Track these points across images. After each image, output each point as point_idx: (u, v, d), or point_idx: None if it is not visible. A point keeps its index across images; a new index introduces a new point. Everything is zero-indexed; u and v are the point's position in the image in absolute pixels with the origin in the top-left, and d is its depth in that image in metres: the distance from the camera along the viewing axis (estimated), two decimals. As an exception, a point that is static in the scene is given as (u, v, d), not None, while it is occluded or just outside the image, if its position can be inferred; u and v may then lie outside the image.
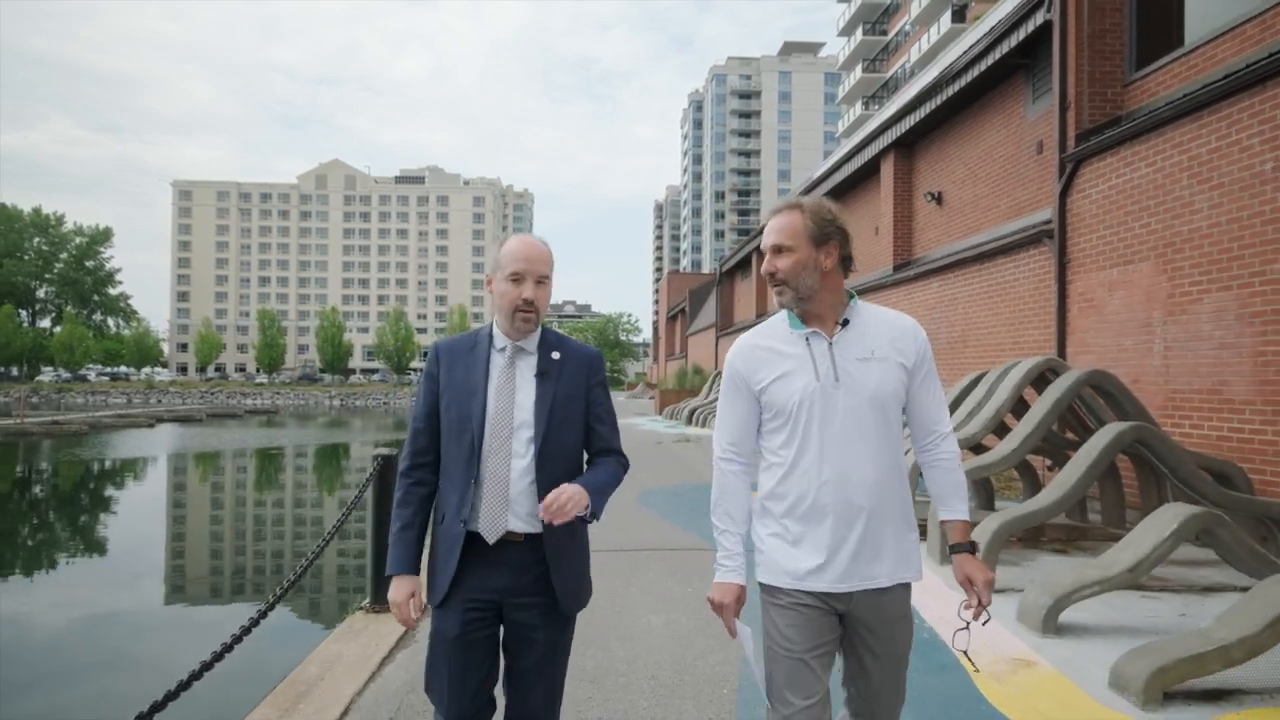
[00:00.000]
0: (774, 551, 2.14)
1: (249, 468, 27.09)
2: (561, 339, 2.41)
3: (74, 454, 29.87)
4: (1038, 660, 4.22)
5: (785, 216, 2.16)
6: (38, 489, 21.89)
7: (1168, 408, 7.71)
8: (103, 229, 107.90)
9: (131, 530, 15.95)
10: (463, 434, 2.25)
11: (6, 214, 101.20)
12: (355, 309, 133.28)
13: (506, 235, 2.32)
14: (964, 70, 12.18)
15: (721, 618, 2.17)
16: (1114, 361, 8.47)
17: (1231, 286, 6.98)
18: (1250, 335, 6.78)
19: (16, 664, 7.76)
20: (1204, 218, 7.29)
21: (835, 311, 2.16)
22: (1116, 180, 8.52)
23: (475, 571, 2.24)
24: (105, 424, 43.37)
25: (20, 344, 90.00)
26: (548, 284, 2.32)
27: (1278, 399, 6.52)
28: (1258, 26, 7.31)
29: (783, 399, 2.11)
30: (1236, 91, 6.95)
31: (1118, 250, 8.48)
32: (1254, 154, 6.76)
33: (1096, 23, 9.23)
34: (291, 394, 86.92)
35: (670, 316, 57.38)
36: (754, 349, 2.20)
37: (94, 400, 77.47)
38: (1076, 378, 6.47)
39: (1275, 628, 3.62)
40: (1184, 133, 7.56)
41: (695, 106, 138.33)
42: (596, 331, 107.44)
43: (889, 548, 2.10)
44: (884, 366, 2.11)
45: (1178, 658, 3.61)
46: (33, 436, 36.73)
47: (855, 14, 73.11)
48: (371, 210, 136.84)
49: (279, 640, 7.87)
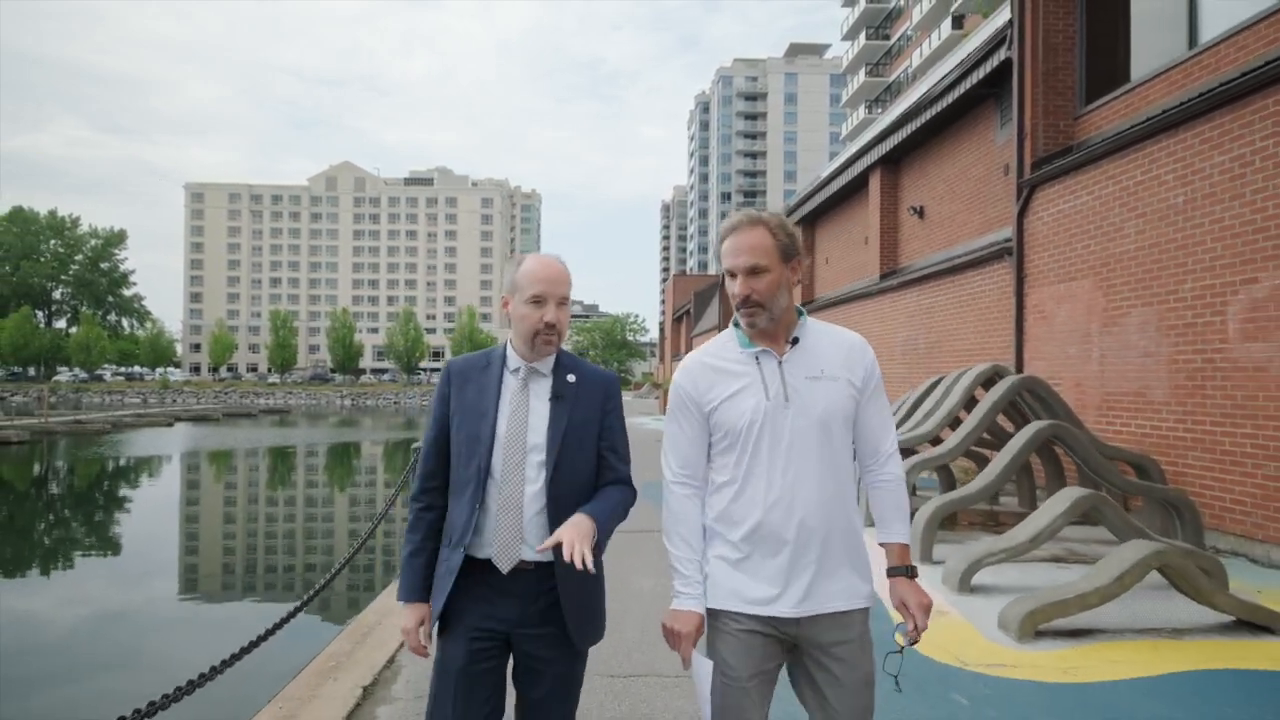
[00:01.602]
0: (721, 575, 2.08)
1: (282, 464, 28.29)
2: (577, 361, 2.34)
3: (101, 451, 31.10)
4: (950, 611, 5.27)
5: (753, 234, 2.06)
6: (81, 486, 23.09)
7: (1103, 408, 8.74)
8: (117, 231, 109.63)
9: (176, 524, 17.11)
10: (472, 457, 2.19)
11: (24, 217, 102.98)
12: (365, 309, 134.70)
13: (516, 251, 2.43)
14: (940, 96, 13.20)
15: (677, 649, 2.05)
16: (1061, 367, 9.50)
17: (1152, 303, 8.01)
18: (1166, 345, 7.81)
19: (88, 639, 8.90)
20: (1131, 242, 8.32)
21: (787, 330, 2.11)
22: (1064, 205, 9.54)
23: (483, 600, 2.17)
24: (126, 423, 44.63)
25: (38, 345, 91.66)
26: (568, 305, 2.25)
27: (1188, 401, 7.55)
28: (1181, 73, 8.31)
29: (732, 419, 2.06)
30: (1156, 133, 7.97)
31: (1064, 268, 9.51)
32: (1169, 188, 7.79)
33: (1050, 61, 10.24)
34: (303, 394, 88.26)
35: (676, 318, 58.44)
36: (703, 368, 2.14)
37: (111, 400, 78.93)
38: (1010, 383, 7.51)
39: (1123, 580, 4.67)
40: (1116, 166, 8.59)
41: (702, 108, 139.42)
42: (604, 332, 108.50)
43: (841, 571, 2.05)
44: (834, 385, 2.07)
45: (1046, 603, 4.66)
46: (56, 435, 37.95)
47: (859, 19, 74.04)
48: (381, 212, 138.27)
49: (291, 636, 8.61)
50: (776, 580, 2.02)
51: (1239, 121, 6.99)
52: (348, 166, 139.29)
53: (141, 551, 14.11)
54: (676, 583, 2.10)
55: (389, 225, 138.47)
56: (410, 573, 2.25)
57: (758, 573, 2.03)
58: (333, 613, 9.57)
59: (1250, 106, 6.87)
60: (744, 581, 2.04)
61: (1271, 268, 6.61)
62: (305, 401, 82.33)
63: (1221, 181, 7.15)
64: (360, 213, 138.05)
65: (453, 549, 2.20)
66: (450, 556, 2.20)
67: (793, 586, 2.01)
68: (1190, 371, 7.50)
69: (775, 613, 2.01)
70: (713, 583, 2.08)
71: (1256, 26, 7.29)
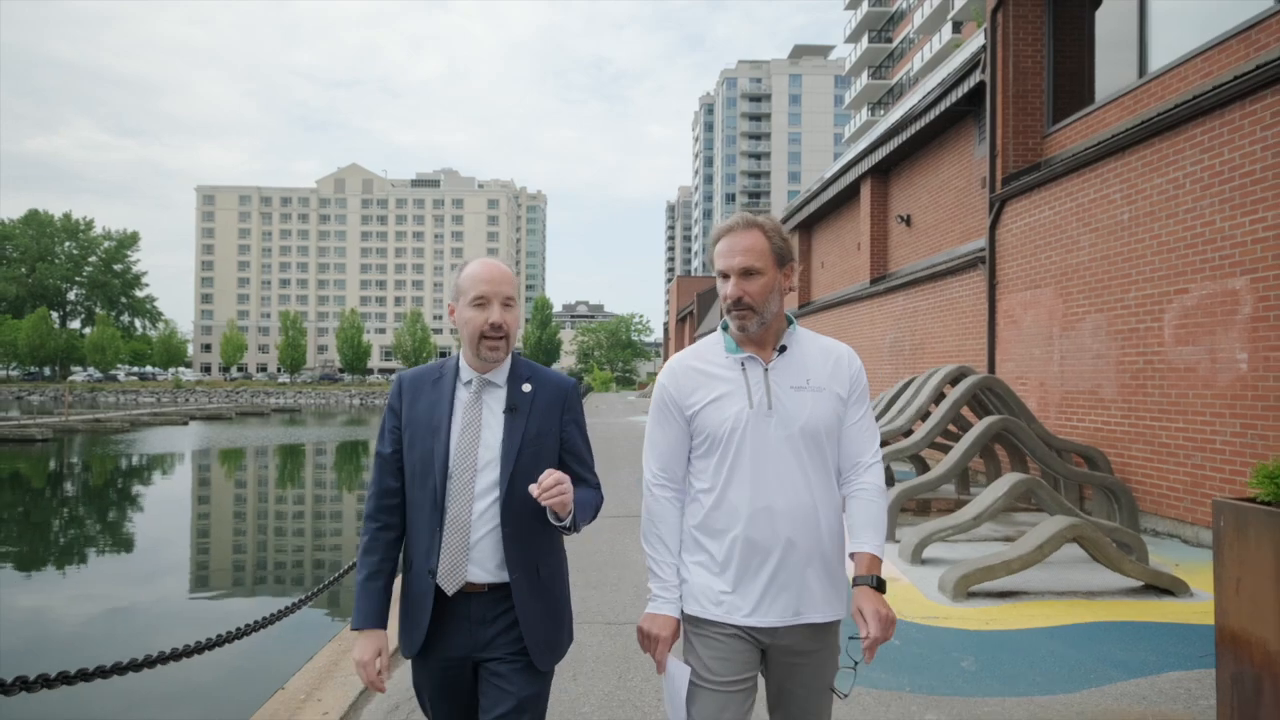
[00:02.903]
0: (699, 582, 2.06)
1: (292, 462, 29.25)
2: (534, 369, 2.24)
3: (122, 448, 32.11)
4: (901, 579, 6.11)
5: (749, 235, 2.05)
6: (108, 480, 24.05)
7: (1063, 405, 9.56)
8: (130, 233, 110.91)
9: (192, 519, 18.02)
10: (426, 476, 2.10)
11: (39, 219, 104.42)
12: (373, 310, 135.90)
13: (465, 260, 2.22)
14: (924, 112, 14.00)
15: (652, 653, 2.06)
16: (1028, 367, 10.31)
17: (1103, 310, 8.82)
18: (1114, 348, 8.62)
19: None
20: (1086, 254, 9.13)
21: (776, 337, 2.09)
22: (1030, 219, 10.36)
23: (442, 625, 2.10)
24: (143, 421, 45.74)
25: (53, 345, 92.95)
26: (515, 306, 2.18)
27: (1131, 399, 8.36)
28: (1132, 99, 9.11)
29: (714, 424, 2.04)
30: (1106, 155, 8.78)
31: (1030, 276, 10.33)
32: (1117, 206, 8.60)
33: (1020, 84, 11.05)
34: (313, 393, 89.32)
35: (680, 318, 59.31)
36: (687, 370, 2.12)
37: (125, 399, 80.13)
38: (971, 382, 8.34)
39: (1042, 548, 5.50)
40: (1073, 184, 9.40)
41: (706, 109, 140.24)
42: (609, 332, 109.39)
43: (818, 584, 2.04)
44: (819, 396, 2.06)
45: (976, 568, 5.50)
46: (78, 432, 39.03)
47: (861, 21, 74.74)
48: (388, 213, 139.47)
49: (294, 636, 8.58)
50: (755, 590, 2.01)
51: (1173, 148, 7.80)
52: (355, 169, 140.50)
53: (172, 541, 15.02)
54: (653, 585, 2.10)
55: (396, 227, 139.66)
56: (367, 598, 2.11)
57: (737, 582, 2.01)
58: (342, 609, 9.65)
59: (1183, 135, 7.69)
60: (723, 590, 2.02)
61: (1199, 280, 7.42)
62: (315, 401, 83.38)
63: (1159, 201, 7.97)
64: (368, 214, 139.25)
65: (417, 574, 2.11)
66: (415, 582, 2.12)
67: (770, 597, 2.00)
68: (1134, 372, 8.32)
69: (754, 623, 2.00)
70: (692, 589, 2.07)
71: (1194, 61, 8.09)
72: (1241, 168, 6.95)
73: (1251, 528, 3.34)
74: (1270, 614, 3.23)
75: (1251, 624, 3.31)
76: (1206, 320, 7.32)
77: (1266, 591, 3.25)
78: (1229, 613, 3.43)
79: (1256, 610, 3.29)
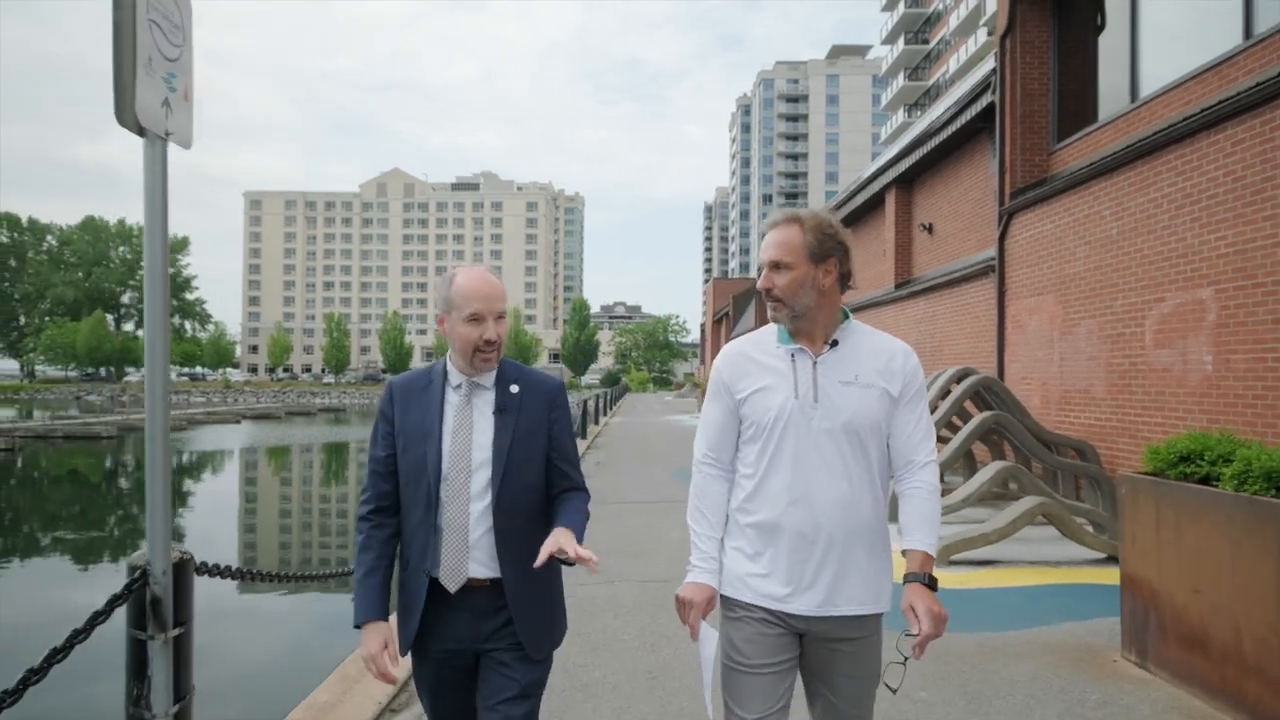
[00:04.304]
0: (735, 565, 2.13)
1: (337, 460, 30.74)
2: (520, 370, 2.33)
3: (185, 444, 33.85)
4: (895, 551, 7.06)
5: (784, 230, 2.12)
6: (206, 470, 25.67)
7: (1061, 403, 10.40)
8: (180, 238, 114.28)
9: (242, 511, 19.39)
10: (420, 479, 2.19)
11: (95, 225, 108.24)
12: (414, 312, 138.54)
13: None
14: (942, 128, 14.85)
15: (686, 619, 2.12)
16: (1032, 368, 11.16)
17: (1095, 316, 9.67)
18: (1104, 351, 9.47)
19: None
20: (1081, 264, 9.98)
21: (827, 330, 2.13)
22: (1034, 231, 11.21)
23: (442, 619, 2.19)
24: (198, 420, 47.74)
25: (110, 347, 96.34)
26: (505, 319, 2.25)
27: (1119, 396, 9.21)
28: (1125, 122, 9.94)
29: (760, 412, 2.10)
30: (1098, 175, 9.63)
31: (1034, 284, 11.18)
32: (1107, 222, 9.45)
33: (1027, 105, 11.89)
34: (357, 393, 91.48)
35: (716, 319, 60.18)
36: (740, 357, 2.20)
37: (178, 399, 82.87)
38: (971, 381, 9.24)
39: (1015, 523, 6.44)
40: (1070, 200, 10.25)
41: (743, 111, 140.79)
42: (646, 333, 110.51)
43: (854, 576, 2.07)
44: (866, 393, 2.08)
45: (958, 539, 6.45)
46: (140, 431, 40.97)
47: (898, 23, 74.97)
48: (429, 216, 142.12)
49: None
50: (790, 578, 2.05)
51: (1154, 170, 8.65)
52: (397, 173, 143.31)
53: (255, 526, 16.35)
54: (693, 557, 2.17)
55: (437, 230, 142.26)
56: (367, 592, 2.18)
57: (772, 568, 2.07)
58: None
59: (1160, 159, 8.53)
60: (758, 575, 2.09)
61: (1174, 290, 8.27)
62: (359, 401, 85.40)
63: (1142, 218, 8.81)
64: (409, 217, 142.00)
65: (412, 573, 2.20)
66: (411, 580, 2.20)
67: (805, 585, 2.05)
68: (1121, 372, 9.16)
69: (787, 609, 2.06)
70: (728, 571, 2.14)
71: (1177, 90, 8.92)
72: (1208, 190, 7.79)
73: (1140, 494, 4.29)
74: (1152, 560, 4.18)
75: (1141, 569, 4.27)
76: (1180, 326, 8.17)
77: (1149, 543, 4.20)
78: (1128, 560, 4.39)
79: (1144, 558, 4.25)
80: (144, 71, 2.27)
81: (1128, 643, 4.38)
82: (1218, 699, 3.73)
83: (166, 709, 2.39)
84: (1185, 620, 3.95)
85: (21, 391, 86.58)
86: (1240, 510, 3.59)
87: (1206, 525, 3.80)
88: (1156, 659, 4.16)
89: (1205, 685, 3.83)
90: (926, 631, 1.98)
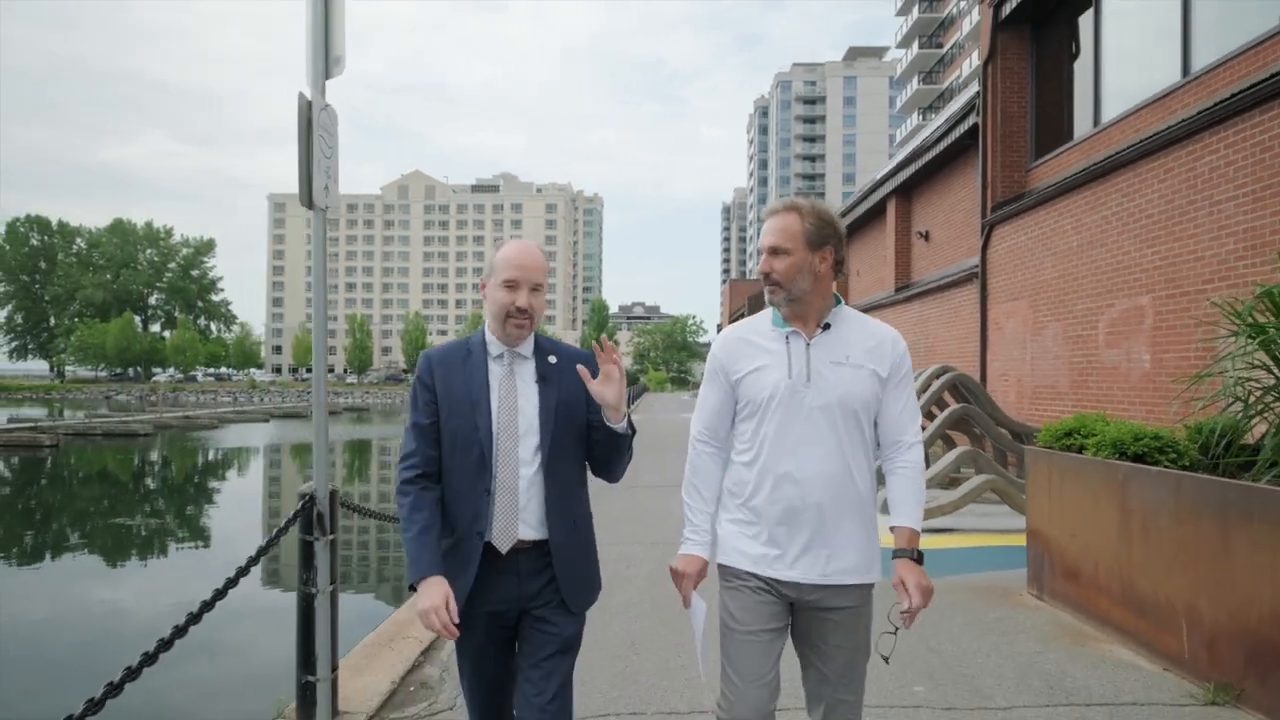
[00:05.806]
0: (730, 536, 2.27)
1: (360, 457, 32.14)
2: (555, 344, 2.42)
3: (210, 442, 35.40)
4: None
5: (783, 217, 2.21)
6: (218, 467, 27.13)
7: (1034, 397, 11.52)
8: (206, 240, 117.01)
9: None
10: (470, 446, 2.25)
11: (123, 228, 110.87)
12: (435, 313, 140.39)
13: (503, 241, 2.31)
14: (936, 142, 15.99)
15: (680, 587, 2.27)
16: (1010, 367, 12.28)
17: (1060, 319, 10.79)
18: (1067, 351, 10.59)
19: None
20: (1049, 273, 11.11)
21: (820, 314, 2.23)
22: (1010, 242, 12.33)
23: (489, 581, 2.25)
24: (228, 419, 49.30)
25: (138, 348, 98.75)
26: (542, 292, 2.31)
27: (1078, 392, 10.32)
28: (1089, 144, 11.05)
29: (754, 391, 2.21)
30: (1061, 193, 10.75)
31: (1010, 290, 12.31)
32: (1068, 235, 10.57)
33: (1007, 126, 13.01)
34: (379, 393, 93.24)
35: (732, 319, 61.31)
36: (736, 340, 2.31)
37: (205, 399, 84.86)
38: (946, 378, 10.39)
39: (967, 496, 7.61)
40: (1039, 215, 11.37)
41: (761, 112, 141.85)
42: (664, 334, 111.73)
43: (844, 548, 2.19)
44: (857, 373, 2.19)
45: (918, 511, 7.62)
46: (173, 428, 42.55)
47: (912, 28, 75.80)
48: (450, 218, 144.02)
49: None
50: (782, 547, 2.17)
51: (1105, 191, 9.77)
52: (418, 175, 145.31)
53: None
54: (686, 530, 2.30)
55: (457, 231, 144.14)
56: (423, 548, 2.18)
57: (766, 538, 2.19)
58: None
59: (1109, 182, 9.65)
60: (750, 544, 2.22)
61: (1120, 297, 9.39)
62: (381, 400, 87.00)
63: (1096, 233, 9.93)
64: (430, 219, 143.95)
65: (464, 535, 2.25)
66: (462, 543, 2.25)
67: (796, 555, 2.16)
68: (1081, 370, 10.28)
69: (776, 574, 2.17)
70: (724, 542, 2.28)
71: (1128, 119, 10.03)
72: (1146, 211, 8.91)
73: (1038, 463, 5.47)
74: (1046, 514, 5.36)
75: (1039, 522, 5.45)
76: (1124, 329, 9.29)
77: (1044, 501, 5.38)
78: (1032, 516, 5.56)
79: (1041, 513, 5.43)
80: (318, 169, 3.50)
81: (1031, 580, 5.55)
82: (1082, 614, 4.90)
83: (324, 587, 3.62)
84: (1066, 558, 5.12)
85: (53, 391, 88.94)
86: (1095, 471, 4.76)
87: (1078, 484, 4.96)
88: (1050, 591, 5.33)
89: (1078, 606, 4.99)
90: (916, 603, 2.12)
